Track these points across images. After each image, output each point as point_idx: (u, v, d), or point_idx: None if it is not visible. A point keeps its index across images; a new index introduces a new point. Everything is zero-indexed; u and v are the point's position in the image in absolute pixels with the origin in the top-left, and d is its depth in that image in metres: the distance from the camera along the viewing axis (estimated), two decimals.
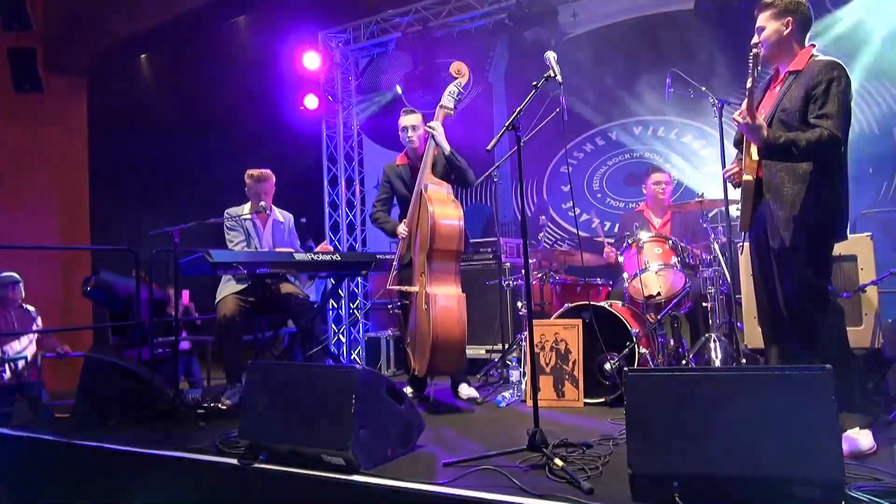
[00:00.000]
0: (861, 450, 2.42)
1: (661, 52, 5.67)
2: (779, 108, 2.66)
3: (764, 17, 2.72)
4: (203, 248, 3.83)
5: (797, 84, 2.63)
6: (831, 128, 2.49)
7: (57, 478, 3.24)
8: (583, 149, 6.35)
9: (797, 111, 2.60)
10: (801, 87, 2.61)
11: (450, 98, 3.91)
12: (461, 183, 3.97)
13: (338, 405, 2.51)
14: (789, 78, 2.69)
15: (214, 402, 3.82)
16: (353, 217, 7.63)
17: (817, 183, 2.57)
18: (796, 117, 2.59)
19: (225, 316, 4.05)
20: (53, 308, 7.54)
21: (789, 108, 2.62)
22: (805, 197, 2.57)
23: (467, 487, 2.22)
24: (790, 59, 2.71)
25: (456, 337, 3.53)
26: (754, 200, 2.77)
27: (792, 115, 2.61)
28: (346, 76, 7.66)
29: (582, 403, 3.67)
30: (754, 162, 2.72)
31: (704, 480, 1.97)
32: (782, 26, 2.68)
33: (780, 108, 2.66)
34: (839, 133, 2.50)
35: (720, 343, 3.82)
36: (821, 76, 2.55)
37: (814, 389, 1.95)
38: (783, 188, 2.62)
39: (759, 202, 2.75)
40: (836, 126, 2.50)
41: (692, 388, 2.07)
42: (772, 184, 2.66)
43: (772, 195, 2.66)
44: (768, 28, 2.70)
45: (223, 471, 2.70)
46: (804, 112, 2.58)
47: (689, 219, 4.60)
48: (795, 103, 2.60)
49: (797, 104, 2.60)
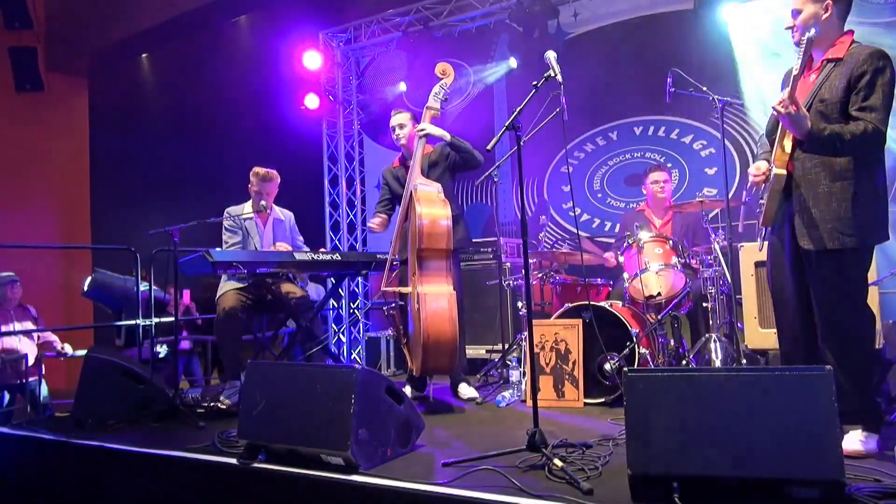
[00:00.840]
0: (860, 452, 2.40)
1: (662, 52, 5.66)
2: (816, 98, 2.48)
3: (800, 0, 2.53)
4: (203, 247, 3.83)
5: (837, 73, 2.45)
6: (875, 121, 2.34)
7: (56, 477, 3.24)
8: (583, 149, 6.35)
9: (838, 102, 2.43)
10: (842, 76, 2.43)
11: (435, 99, 3.96)
12: (471, 165, 3.98)
13: (337, 405, 2.50)
14: (827, 66, 2.50)
15: (214, 401, 3.82)
16: (354, 216, 7.63)
17: (857, 180, 2.41)
18: (837, 109, 2.43)
19: (224, 309, 4.04)
20: (54, 307, 7.56)
21: (829, 98, 2.45)
22: (843, 195, 2.42)
23: (466, 488, 2.21)
24: (828, 45, 2.52)
25: (447, 335, 3.51)
26: (782, 195, 2.57)
27: (832, 105, 2.44)
28: (347, 76, 7.66)
29: (582, 403, 3.66)
30: (786, 155, 2.54)
31: (704, 481, 1.97)
32: (821, 10, 2.47)
33: (817, 98, 2.48)
34: (884, 127, 2.34)
35: (720, 343, 3.81)
36: (865, 66, 2.38)
37: (814, 390, 1.94)
38: (818, 185, 2.46)
39: (788, 197, 2.57)
40: (880, 119, 2.34)
41: (692, 388, 2.06)
42: (805, 178, 2.49)
43: (805, 190, 2.49)
44: (805, 11, 2.50)
45: (222, 470, 2.70)
46: (846, 103, 2.42)
47: (690, 219, 4.59)
48: (836, 94, 2.43)
49: (838, 94, 2.42)
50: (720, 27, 5.53)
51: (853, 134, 2.36)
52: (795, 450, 1.90)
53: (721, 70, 5.41)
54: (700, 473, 1.97)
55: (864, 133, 2.35)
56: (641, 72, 5.78)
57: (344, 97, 7.62)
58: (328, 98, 7.44)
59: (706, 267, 4.03)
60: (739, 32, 5.50)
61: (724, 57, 5.48)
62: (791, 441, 1.91)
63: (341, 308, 7.49)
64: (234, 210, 4.40)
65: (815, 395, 1.93)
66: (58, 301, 7.90)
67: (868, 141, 2.36)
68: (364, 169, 7.69)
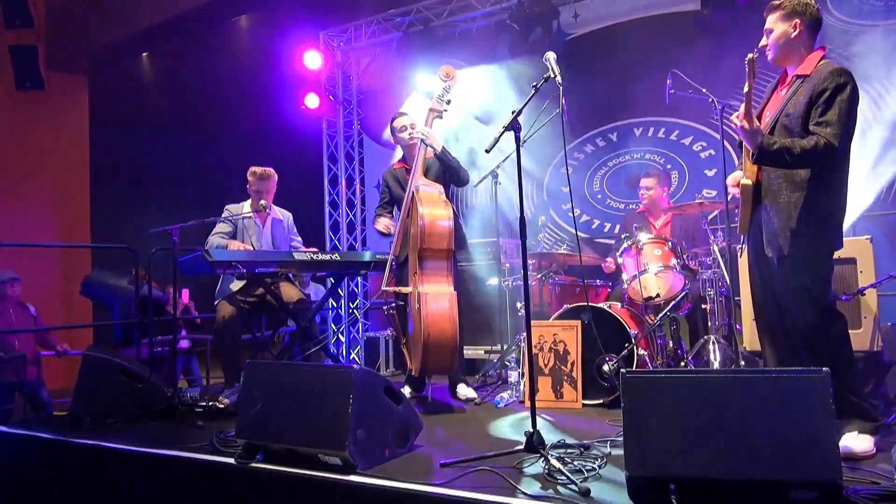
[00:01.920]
0: (854, 453, 2.40)
1: (662, 54, 5.66)
2: (783, 113, 2.62)
3: (772, 19, 2.67)
4: (203, 247, 3.83)
5: (803, 89, 2.58)
6: (828, 136, 2.44)
7: (54, 476, 3.24)
8: (583, 150, 6.35)
9: (800, 116, 2.55)
10: (806, 92, 2.55)
11: (439, 101, 3.97)
12: (454, 181, 4.01)
13: (335, 405, 2.51)
14: (796, 82, 2.64)
15: (212, 400, 3.82)
16: (354, 216, 7.63)
17: (815, 191, 2.53)
18: (798, 123, 2.55)
19: (223, 318, 4.06)
20: (53, 306, 7.56)
21: (793, 112, 2.57)
22: (802, 205, 2.54)
23: (464, 488, 2.22)
24: (798, 62, 2.66)
25: (448, 336, 3.52)
26: (753, 204, 2.74)
27: (795, 120, 2.56)
28: (347, 76, 7.65)
29: (580, 404, 3.67)
30: (754, 166, 2.69)
31: (701, 483, 1.97)
32: (791, 28, 2.63)
33: (784, 112, 2.61)
34: (836, 142, 2.44)
35: (719, 345, 3.82)
36: (826, 82, 2.50)
37: (811, 392, 1.94)
38: (780, 195, 2.59)
39: (758, 206, 2.73)
40: (833, 135, 2.44)
41: (690, 390, 2.06)
42: (770, 189, 2.63)
43: (769, 201, 2.64)
44: (776, 30, 2.65)
45: (220, 470, 2.70)
46: (807, 118, 2.54)
47: (690, 221, 4.59)
48: (799, 108, 2.55)
49: (801, 109, 2.55)
50: (724, 28, 5.51)
51: (803, 148, 2.46)
52: (793, 452, 1.90)
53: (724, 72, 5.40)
54: (697, 475, 1.97)
55: (815, 147, 2.45)
56: (642, 73, 5.77)
57: (344, 97, 7.62)
58: (328, 98, 7.44)
59: (705, 269, 4.03)
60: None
61: (727, 58, 5.47)
62: (789, 443, 1.91)
63: (340, 308, 7.49)
64: (233, 208, 4.41)
65: (812, 397, 1.93)
66: (57, 299, 7.89)
67: (819, 155, 2.46)
68: (364, 169, 7.69)
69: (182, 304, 6.22)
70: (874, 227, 4.72)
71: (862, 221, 4.75)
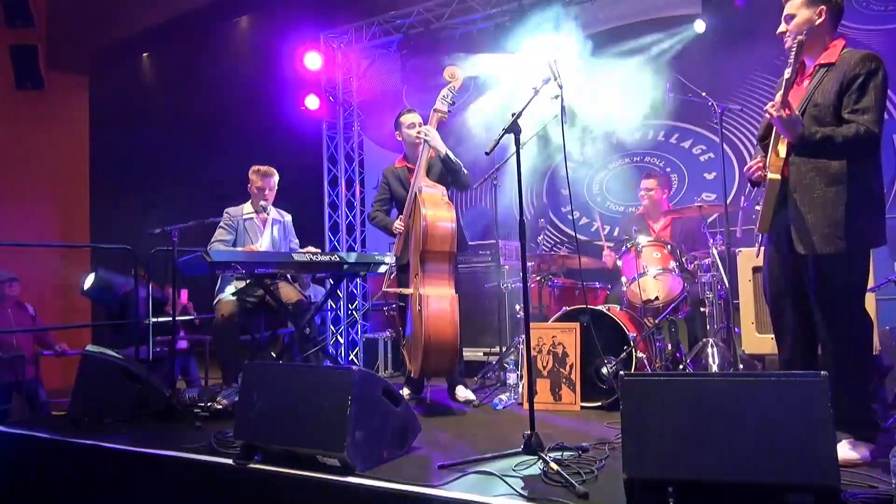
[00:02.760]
0: (852, 459, 2.39)
1: (663, 57, 5.67)
2: (810, 103, 2.49)
3: (794, 5, 2.53)
4: (202, 247, 3.83)
5: (830, 77, 2.47)
6: (868, 123, 2.34)
7: (52, 476, 3.24)
8: (583, 152, 6.34)
9: (831, 106, 2.44)
10: (834, 80, 2.44)
11: (443, 102, 3.98)
12: (456, 185, 4.02)
13: (333, 406, 2.50)
14: (820, 71, 2.52)
15: (211, 401, 3.81)
16: (353, 218, 7.63)
17: (852, 185, 2.41)
18: (830, 112, 2.44)
19: (223, 317, 4.05)
20: (52, 306, 7.56)
21: (822, 102, 2.45)
22: (838, 200, 2.41)
23: (462, 490, 2.22)
24: (820, 51, 2.54)
25: (448, 338, 3.52)
26: (777, 200, 2.57)
27: (825, 109, 2.44)
28: (348, 77, 7.66)
29: (579, 407, 3.67)
30: (780, 159, 2.53)
31: (699, 486, 1.97)
32: (815, 15, 2.50)
33: (811, 102, 2.49)
34: (876, 129, 2.35)
35: (717, 348, 3.82)
36: (858, 68, 2.39)
37: (810, 396, 1.94)
38: (814, 190, 2.45)
39: (784, 203, 2.56)
40: (873, 121, 2.35)
41: (688, 393, 2.06)
42: (801, 184, 2.49)
43: (800, 196, 2.48)
44: (799, 16, 2.52)
45: (218, 471, 2.70)
46: (839, 107, 2.43)
47: (689, 224, 4.59)
48: (829, 98, 2.44)
49: (831, 99, 2.44)
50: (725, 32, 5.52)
51: (845, 136, 2.37)
52: (791, 455, 1.90)
53: (723, 75, 5.41)
54: (695, 478, 1.97)
55: (857, 135, 2.35)
56: (642, 76, 5.77)
57: (344, 98, 7.63)
58: (328, 99, 7.44)
59: (704, 271, 4.03)
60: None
61: (726, 62, 5.47)
62: (786, 447, 1.91)
63: (339, 309, 7.49)
64: (233, 211, 4.41)
65: (810, 401, 1.93)
66: (56, 299, 7.89)
67: (861, 142, 2.36)
68: (364, 170, 7.69)
69: (181, 304, 6.21)
70: None
71: None
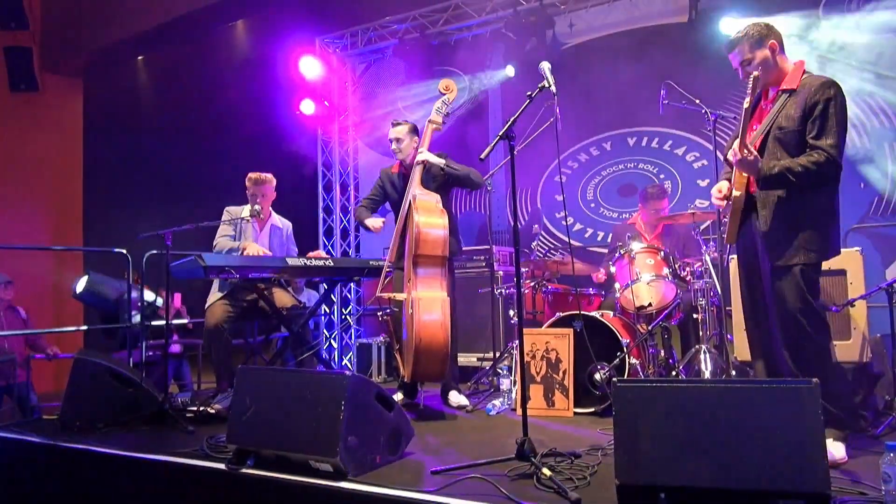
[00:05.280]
0: (833, 460, 2.43)
1: (655, 64, 5.70)
2: (774, 126, 2.65)
3: (744, 51, 2.70)
4: (196, 251, 3.82)
5: (792, 102, 2.63)
6: (829, 149, 2.50)
7: (43, 480, 3.22)
8: (577, 159, 6.38)
9: (795, 131, 2.59)
10: (797, 105, 2.60)
11: (437, 113, 4.03)
12: (468, 187, 4.15)
13: (326, 411, 2.50)
14: (783, 96, 2.68)
15: (203, 405, 3.80)
16: (347, 222, 7.63)
17: (811, 200, 2.58)
18: (794, 136, 2.59)
19: (214, 323, 4.03)
20: (44, 309, 7.52)
21: (787, 126, 2.61)
22: (798, 214, 2.58)
23: (455, 496, 2.22)
24: (780, 78, 2.71)
25: (439, 342, 3.52)
26: (743, 215, 2.78)
27: (790, 134, 2.60)
28: (343, 82, 7.67)
29: (572, 413, 3.67)
30: (744, 178, 2.72)
31: (691, 492, 1.98)
32: (768, 51, 2.68)
33: (775, 125, 2.65)
34: (837, 155, 2.52)
35: (710, 355, 3.83)
36: (818, 95, 2.55)
37: (801, 403, 1.95)
38: (775, 205, 2.63)
39: (749, 217, 2.77)
40: (833, 147, 2.51)
41: (681, 399, 2.07)
42: (762, 200, 2.67)
43: (762, 211, 2.67)
44: (756, 58, 2.68)
45: (210, 475, 2.69)
46: (802, 131, 2.58)
47: (682, 231, 4.62)
48: (793, 123, 2.60)
49: (795, 124, 2.59)
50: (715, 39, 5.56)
51: (804, 166, 2.52)
52: (782, 462, 1.92)
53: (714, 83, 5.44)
54: (687, 484, 1.98)
55: (817, 163, 2.51)
56: (636, 83, 5.81)
57: (340, 103, 7.64)
58: (324, 104, 7.45)
59: (697, 278, 4.05)
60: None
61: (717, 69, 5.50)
62: (778, 453, 1.92)
63: (333, 313, 7.48)
64: (233, 210, 4.40)
65: (801, 408, 1.95)
66: (48, 303, 7.85)
67: (821, 170, 2.53)
68: (358, 175, 7.70)
69: (174, 308, 6.19)
70: (864, 239, 4.76)
71: (852, 233, 4.79)
